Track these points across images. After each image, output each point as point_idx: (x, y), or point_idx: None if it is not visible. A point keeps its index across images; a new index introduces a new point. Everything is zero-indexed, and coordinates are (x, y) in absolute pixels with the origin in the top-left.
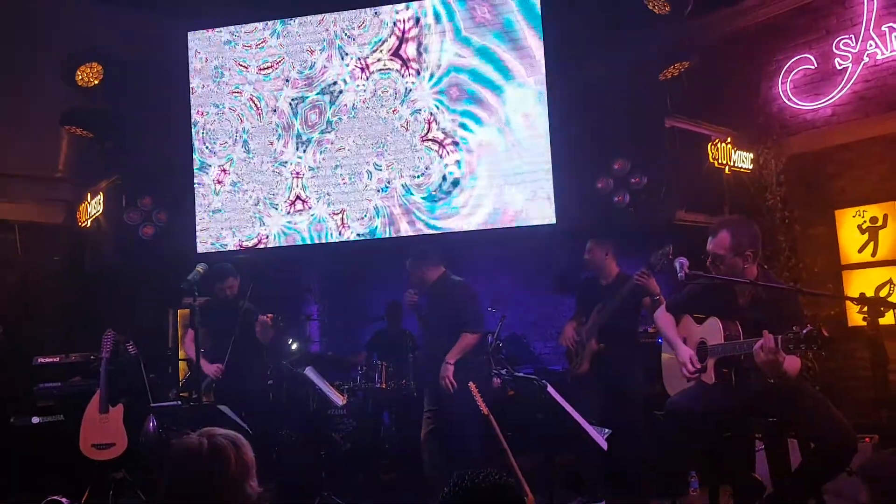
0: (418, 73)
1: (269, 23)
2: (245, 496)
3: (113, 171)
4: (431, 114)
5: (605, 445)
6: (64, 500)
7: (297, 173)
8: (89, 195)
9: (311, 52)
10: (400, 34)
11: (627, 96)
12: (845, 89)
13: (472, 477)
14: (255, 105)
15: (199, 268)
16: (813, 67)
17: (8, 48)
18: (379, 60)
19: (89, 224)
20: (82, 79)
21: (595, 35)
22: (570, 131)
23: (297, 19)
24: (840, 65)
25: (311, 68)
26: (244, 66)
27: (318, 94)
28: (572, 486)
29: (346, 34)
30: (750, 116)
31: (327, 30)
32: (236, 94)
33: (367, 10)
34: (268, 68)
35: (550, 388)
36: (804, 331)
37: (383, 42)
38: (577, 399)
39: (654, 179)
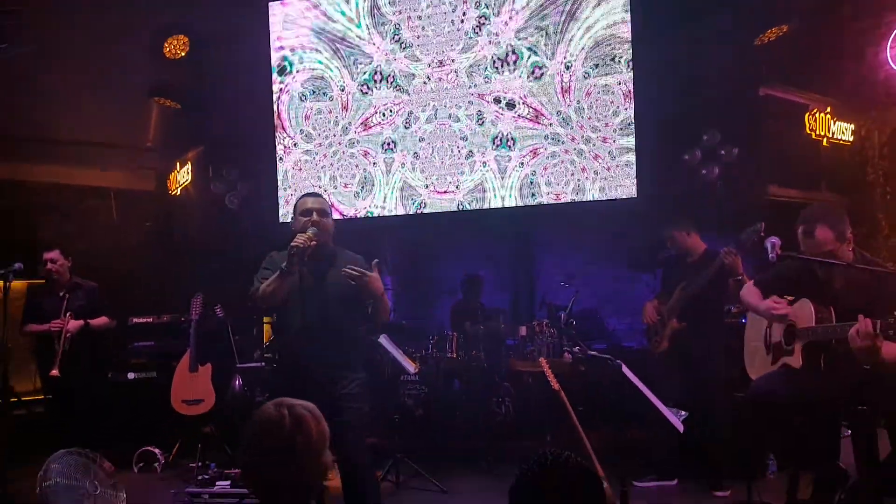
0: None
1: None
2: (323, 464)
3: (199, 141)
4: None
5: (681, 428)
6: (157, 450)
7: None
8: (178, 164)
9: None
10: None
11: (719, 62)
12: None
13: (557, 455)
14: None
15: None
16: None
17: (102, 20)
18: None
19: (179, 192)
20: (170, 51)
21: None
22: (655, 99)
23: None
24: None
25: None
26: None
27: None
28: (644, 464)
29: None
30: (853, 84)
31: None
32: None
33: None
34: None
35: (625, 369)
36: None
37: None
38: (655, 378)
39: (746, 151)
